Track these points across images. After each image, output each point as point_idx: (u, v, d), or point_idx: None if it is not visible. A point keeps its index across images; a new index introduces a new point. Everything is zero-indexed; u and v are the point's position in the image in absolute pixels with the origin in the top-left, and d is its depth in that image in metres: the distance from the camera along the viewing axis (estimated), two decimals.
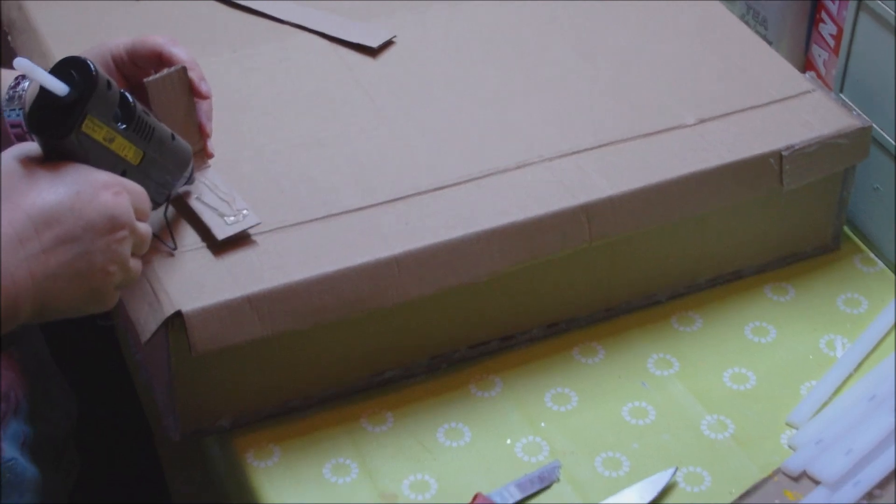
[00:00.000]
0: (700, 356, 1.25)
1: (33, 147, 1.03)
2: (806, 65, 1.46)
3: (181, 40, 1.19)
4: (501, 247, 1.18)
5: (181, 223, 1.18)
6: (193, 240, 1.16)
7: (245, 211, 1.17)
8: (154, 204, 1.10)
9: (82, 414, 1.33)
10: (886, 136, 1.31)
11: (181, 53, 1.18)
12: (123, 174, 1.05)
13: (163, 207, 1.15)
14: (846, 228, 1.37)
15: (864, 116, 1.30)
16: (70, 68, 1.02)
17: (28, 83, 1.15)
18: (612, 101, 1.32)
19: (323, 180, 1.23)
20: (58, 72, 1.02)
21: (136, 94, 1.10)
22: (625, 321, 1.28)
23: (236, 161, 1.24)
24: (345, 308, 1.15)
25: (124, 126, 1.05)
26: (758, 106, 1.31)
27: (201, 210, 1.17)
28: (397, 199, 1.21)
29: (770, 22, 1.47)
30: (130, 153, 1.06)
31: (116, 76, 1.18)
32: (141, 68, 1.18)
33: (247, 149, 1.26)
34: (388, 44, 1.40)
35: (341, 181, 1.23)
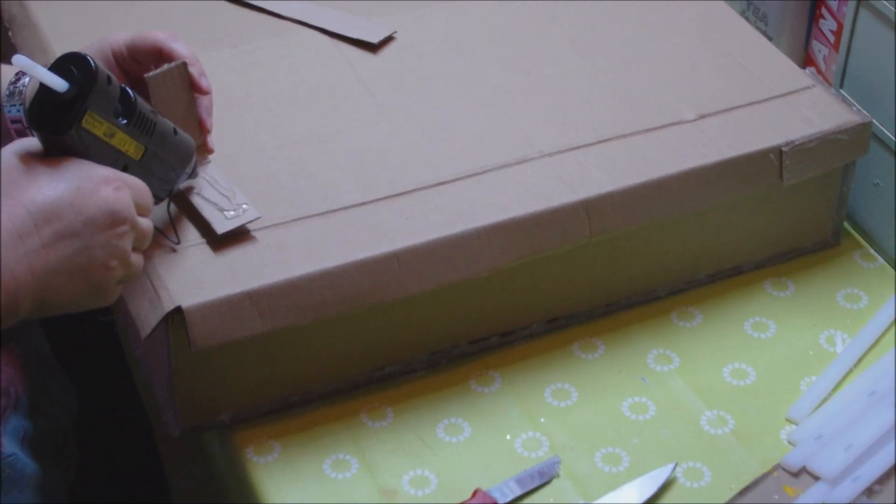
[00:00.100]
0: (700, 351, 1.25)
1: (33, 142, 1.03)
2: (806, 61, 1.46)
3: (182, 36, 1.19)
4: (501, 242, 1.18)
5: (181, 218, 1.18)
6: (194, 235, 1.16)
7: (245, 206, 1.17)
8: (156, 199, 1.10)
9: (82, 409, 1.33)
10: (886, 132, 1.31)
11: (181, 49, 1.18)
12: (125, 169, 1.05)
13: (165, 202, 1.15)
14: (846, 224, 1.37)
15: (864, 112, 1.30)
16: (70, 64, 1.02)
17: (28, 79, 1.15)
18: (612, 97, 1.32)
19: (323, 176, 1.23)
20: (57, 68, 1.02)
21: (137, 90, 1.10)
22: (625, 317, 1.28)
23: (236, 156, 1.24)
24: (345, 303, 1.15)
25: (125, 121, 1.05)
26: (758, 102, 1.31)
27: (201, 205, 1.17)
28: (397, 195, 1.21)
29: (770, 18, 1.47)
30: (131, 148, 1.06)
31: (117, 72, 1.18)
32: (141, 64, 1.18)
33: (247, 144, 1.26)
34: (389, 40, 1.40)
35: (342, 177, 1.23)
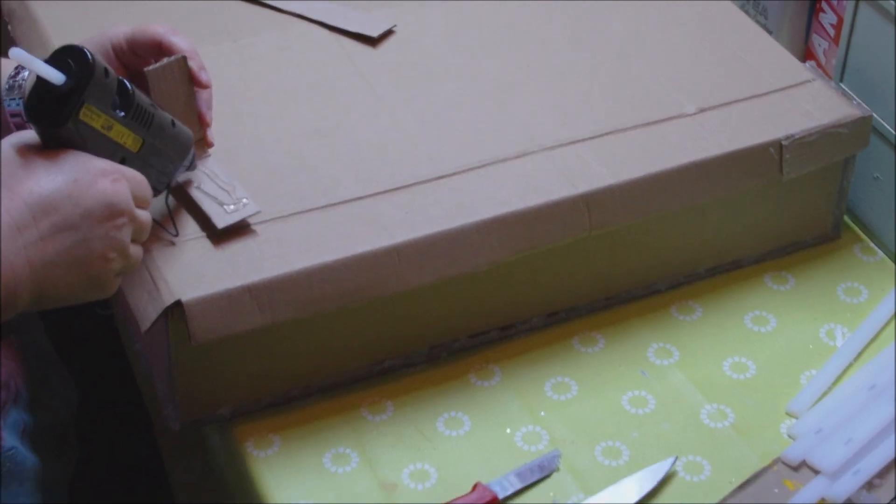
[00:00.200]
0: (700, 345, 1.25)
1: (31, 135, 1.03)
2: (806, 54, 1.46)
3: (181, 30, 1.19)
4: (501, 236, 1.18)
5: (181, 212, 1.18)
6: (193, 229, 1.16)
7: (245, 200, 1.17)
8: (155, 191, 1.10)
9: (82, 403, 1.33)
10: (886, 126, 1.31)
11: (181, 43, 1.18)
12: (123, 162, 1.05)
13: (164, 195, 1.15)
14: (846, 218, 1.37)
15: (864, 106, 1.30)
16: (67, 57, 1.02)
17: (28, 72, 1.14)
18: (612, 91, 1.32)
19: (323, 169, 1.23)
20: (54, 61, 1.02)
21: (137, 84, 1.10)
22: (625, 310, 1.28)
23: (236, 150, 1.24)
24: (345, 297, 1.15)
25: (123, 113, 1.05)
26: (758, 95, 1.31)
27: (201, 199, 1.17)
28: (397, 189, 1.21)
29: (770, 11, 1.47)
30: (129, 140, 1.06)
31: (116, 65, 1.18)
32: (141, 57, 1.18)
33: (247, 138, 1.26)
34: (389, 33, 1.39)
35: (341, 170, 1.23)
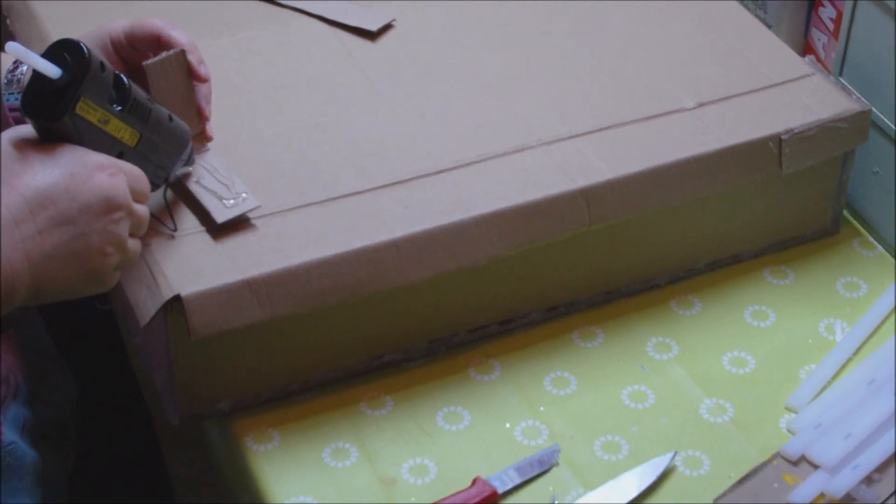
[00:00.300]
0: (699, 340, 1.25)
1: (28, 129, 1.03)
2: (805, 48, 1.46)
3: (180, 23, 1.19)
4: (500, 231, 1.18)
5: (180, 207, 1.17)
6: (192, 223, 1.16)
7: (244, 194, 1.17)
8: (153, 186, 1.10)
9: (81, 397, 1.33)
10: (886, 120, 1.30)
11: (180, 37, 1.17)
12: (120, 156, 1.05)
13: (162, 189, 1.15)
14: (845, 212, 1.37)
15: (864, 100, 1.30)
16: (63, 51, 1.02)
17: (27, 66, 1.14)
18: (612, 85, 1.31)
19: (322, 164, 1.23)
20: (51, 55, 1.02)
21: (135, 78, 1.10)
22: (624, 305, 1.28)
23: (235, 144, 1.24)
24: (344, 292, 1.15)
25: (119, 108, 1.05)
26: (757, 89, 1.30)
27: (200, 193, 1.17)
28: (397, 183, 1.20)
29: (769, 6, 1.46)
30: (126, 135, 1.06)
31: (115, 60, 1.18)
32: (140, 51, 1.18)
33: (246, 132, 1.26)
34: (388, 27, 1.39)
35: (341, 165, 1.22)
